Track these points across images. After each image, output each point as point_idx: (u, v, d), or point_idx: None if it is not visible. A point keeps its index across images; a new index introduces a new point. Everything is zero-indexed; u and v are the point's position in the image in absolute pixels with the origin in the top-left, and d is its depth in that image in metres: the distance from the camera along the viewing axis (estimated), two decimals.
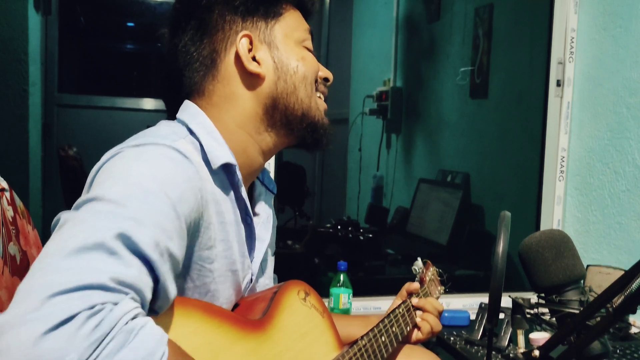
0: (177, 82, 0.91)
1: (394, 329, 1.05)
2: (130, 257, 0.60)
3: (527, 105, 2.33)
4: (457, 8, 2.72)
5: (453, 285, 1.36)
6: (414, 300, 1.14)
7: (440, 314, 1.17)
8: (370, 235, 2.38)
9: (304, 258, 2.35)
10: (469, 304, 1.91)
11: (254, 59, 0.88)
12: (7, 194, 0.95)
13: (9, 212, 0.94)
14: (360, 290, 1.76)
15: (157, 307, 0.66)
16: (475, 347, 1.49)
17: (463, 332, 1.61)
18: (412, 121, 3.08)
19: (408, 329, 1.11)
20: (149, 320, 0.59)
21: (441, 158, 2.82)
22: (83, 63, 2.76)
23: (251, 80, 0.88)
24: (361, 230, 2.38)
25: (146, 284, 0.61)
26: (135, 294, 0.59)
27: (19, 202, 0.99)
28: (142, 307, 0.60)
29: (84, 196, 0.67)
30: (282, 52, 0.89)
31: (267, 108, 0.88)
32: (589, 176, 1.95)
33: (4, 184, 0.95)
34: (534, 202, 2.13)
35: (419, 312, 1.15)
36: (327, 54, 3.67)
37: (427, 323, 1.13)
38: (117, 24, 2.80)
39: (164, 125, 0.84)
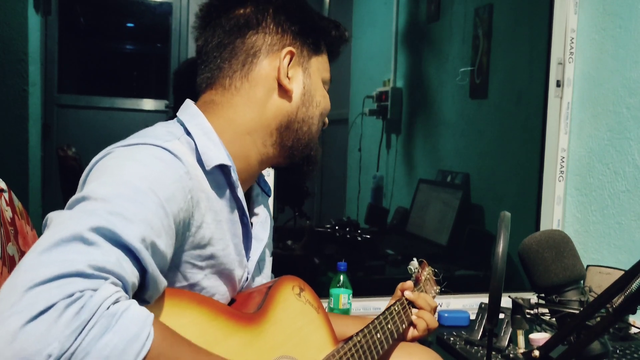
0: (202, 61, 0.91)
1: (389, 326, 1.06)
2: (109, 247, 0.60)
3: (527, 106, 2.33)
4: (457, 8, 2.72)
5: (453, 286, 1.36)
6: (407, 294, 1.15)
7: (434, 311, 1.18)
8: (368, 236, 2.37)
9: (303, 259, 2.35)
10: (469, 304, 1.91)
11: (288, 76, 0.90)
12: (6, 195, 0.95)
13: (8, 213, 0.94)
14: (360, 290, 1.76)
15: (147, 297, 0.67)
16: (475, 347, 1.49)
17: (463, 332, 1.60)
18: (412, 121, 3.08)
19: (404, 326, 1.11)
20: (133, 302, 0.59)
21: (441, 158, 2.81)
22: (83, 63, 2.75)
23: (278, 93, 0.90)
24: (359, 231, 2.38)
25: (128, 271, 0.61)
26: (116, 278, 0.59)
27: (17, 202, 0.99)
28: (125, 292, 0.60)
29: (74, 196, 0.67)
30: (313, 82, 0.93)
31: (281, 126, 0.90)
32: (589, 176, 1.95)
33: (2, 185, 0.95)
34: (534, 202, 2.13)
35: (414, 310, 1.15)
36: None
37: (423, 320, 1.14)
38: (117, 24, 2.80)
39: (161, 126, 0.85)
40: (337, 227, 2.39)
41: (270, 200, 1.73)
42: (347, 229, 2.38)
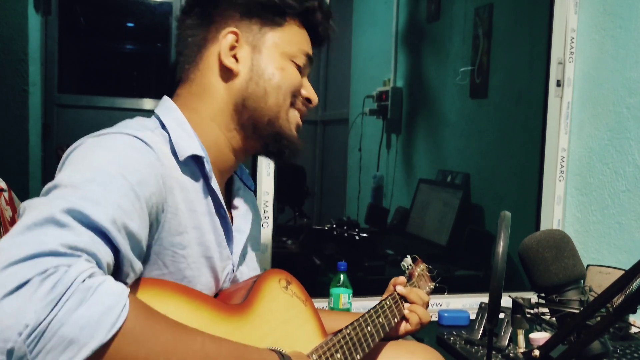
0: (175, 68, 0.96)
1: (380, 319, 1.06)
2: (82, 228, 0.61)
3: (527, 105, 2.33)
4: (457, 8, 2.72)
5: (453, 286, 1.36)
6: (399, 288, 1.15)
7: (426, 305, 1.18)
8: (366, 235, 2.37)
9: (301, 257, 2.35)
10: (469, 304, 1.91)
11: (235, 56, 0.91)
12: (6, 194, 0.96)
13: (8, 212, 0.95)
14: (360, 290, 1.76)
15: (123, 278, 0.68)
16: (475, 347, 1.49)
17: (463, 332, 1.60)
18: (412, 121, 3.08)
19: (396, 320, 1.11)
20: (108, 277, 0.60)
21: (441, 158, 2.81)
22: (83, 63, 2.76)
23: (226, 74, 0.92)
24: (357, 230, 2.38)
25: (102, 251, 0.62)
26: (89, 256, 0.60)
27: (17, 201, 0.99)
28: (100, 269, 0.61)
29: (47, 185, 0.69)
30: (264, 57, 0.92)
31: (237, 106, 0.92)
32: (589, 176, 1.95)
33: (3, 185, 0.95)
34: (534, 202, 2.13)
35: (407, 304, 1.16)
36: (327, 54, 3.67)
37: (415, 314, 1.14)
38: (117, 24, 2.80)
39: (137, 119, 0.87)
40: (334, 226, 2.39)
41: (270, 200, 1.73)
42: (345, 227, 2.38)
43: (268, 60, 0.92)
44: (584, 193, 1.98)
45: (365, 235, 2.37)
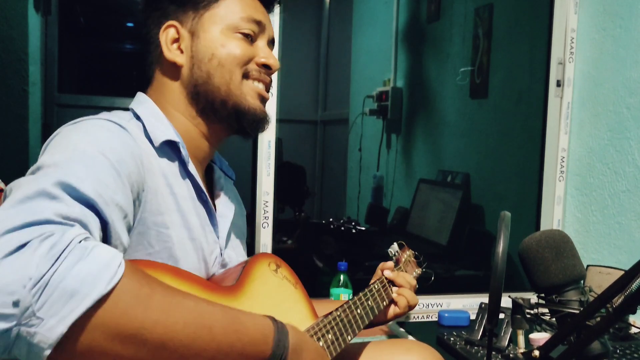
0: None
1: (369, 302, 1.07)
2: (72, 201, 0.63)
3: (527, 105, 2.33)
4: (457, 8, 2.72)
5: (453, 286, 1.37)
6: (387, 273, 1.17)
7: (414, 289, 1.19)
8: (363, 229, 2.37)
9: (300, 254, 2.35)
10: (469, 304, 1.91)
11: (180, 48, 0.93)
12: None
13: None
14: (361, 290, 1.76)
15: None
16: (475, 347, 1.49)
17: (463, 332, 1.60)
18: (412, 121, 3.08)
19: (384, 303, 1.13)
20: (102, 243, 0.61)
21: (441, 158, 2.82)
22: (83, 63, 2.76)
23: (172, 67, 0.93)
24: (353, 224, 2.38)
25: (92, 223, 0.64)
26: (81, 226, 0.62)
27: None
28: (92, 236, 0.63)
29: (30, 169, 0.70)
30: (202, 40, 0.92)
31: (191, 95, 0.93)
32: (589, 176, 1.95)
33: (2, 185, 0.95)
34: (534, 202, 2.13)
35: (395, 288, 1.17)
36: (327, 54, 3.67)
37: (403, 297, 1.16)
38: (117, 24, 2.81)
39: (113, 112, 0.88)
40: (330, 220, 2.39)
41: (270, 200, 1.73)
42: (341, 221, 2.37)
43: (207, 42, 0.92)
44: (584, 193, 1.98)
45: (362, 228, 2.37)
